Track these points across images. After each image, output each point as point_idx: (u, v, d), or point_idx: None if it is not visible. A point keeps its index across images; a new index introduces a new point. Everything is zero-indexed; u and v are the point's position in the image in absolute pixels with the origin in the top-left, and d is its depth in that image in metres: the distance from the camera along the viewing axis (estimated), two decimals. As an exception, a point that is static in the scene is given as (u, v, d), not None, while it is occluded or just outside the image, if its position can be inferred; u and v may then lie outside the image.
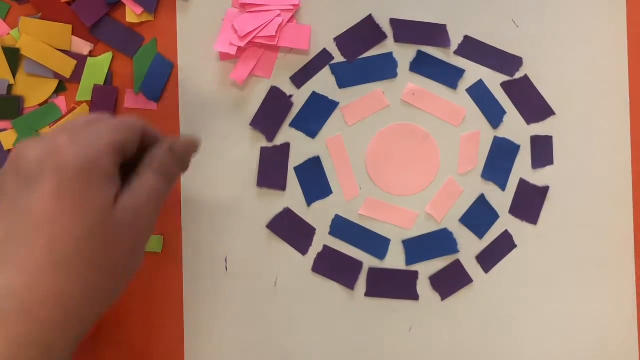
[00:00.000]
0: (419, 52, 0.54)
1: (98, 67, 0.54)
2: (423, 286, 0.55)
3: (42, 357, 0.36)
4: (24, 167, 0.38)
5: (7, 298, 0.36)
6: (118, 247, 0.39)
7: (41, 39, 0.53)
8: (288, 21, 0.54)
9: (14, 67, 0.53)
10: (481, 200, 0.55)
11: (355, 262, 0.55)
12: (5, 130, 0.54)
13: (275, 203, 0.55)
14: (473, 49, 0.54)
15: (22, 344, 0.35)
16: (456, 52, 0.55)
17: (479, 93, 0.55)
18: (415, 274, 0.55)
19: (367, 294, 0.55)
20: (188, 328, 0.55)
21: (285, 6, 0.53)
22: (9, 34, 0.53)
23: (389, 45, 0.55)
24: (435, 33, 0.54)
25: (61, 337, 0.37)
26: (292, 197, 0.55)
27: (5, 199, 0.38)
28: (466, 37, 0.55)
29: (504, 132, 0.55)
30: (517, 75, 0.55)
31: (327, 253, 0.55)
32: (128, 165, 0.42)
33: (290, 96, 0.55)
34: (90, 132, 0.40)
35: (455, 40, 0.55)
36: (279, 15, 0.53)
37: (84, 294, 0.38)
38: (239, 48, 0.53)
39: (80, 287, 0.38)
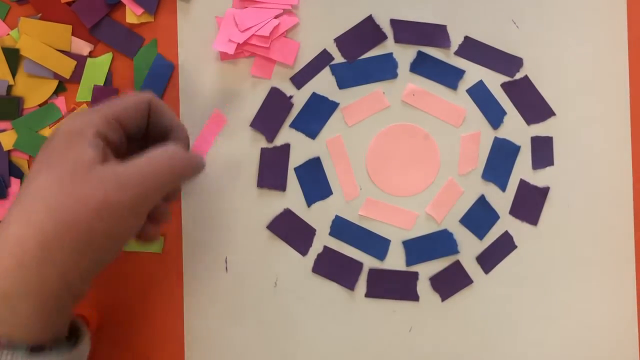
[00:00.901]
0: (419, 53, 0.54)
1: (98, 68, 0.54)
2: (423, 287, 0.55)
3: (44, 324, 0.40)
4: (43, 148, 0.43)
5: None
6: (95, 203, 0.41)
7: (41, 39, 0.53)
8: (281, 34, 0.54)
9: (13, 68, 0.53)
10: (481, 201, 0.55)
11: (355, 262, 0.55)
12: (5, 130, 0.54)
13: (275, 204, 0.55)
14: (473, 49, 0.54)
15: (18, 315, 0.39)
16: (456, 53, 0.55)
17: (479, 94, 0.55)
18: (415, 275, 0.55)
19: (368, 295, 0.55)
20: (188, 328, 0.55)
21: (284, 5, 0.53)
22: (8, 34, 0.53)
23: (389, 46, 0.55)
24: (436, 34, 0.54)
25: (60, 303, 0.41)
26: (292, 197, 0.55)
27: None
28: (466, 38, 0.55)
29: (504, 132, 0.55)
30: (518, 76, 0.55)
31: (327, 254, 0.55)
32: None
33: (291, 97, 0.55)
34: (93, 109, 0.44)
35: (456, 40, 0.55)
36: (276, 17, 0.53)
37: (74, 262, 0.40)
38: (237, 45, 0.53)
39: (65, 252, 0.40)
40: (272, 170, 0.55)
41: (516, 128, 0.55)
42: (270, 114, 0.55)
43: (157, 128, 0.47)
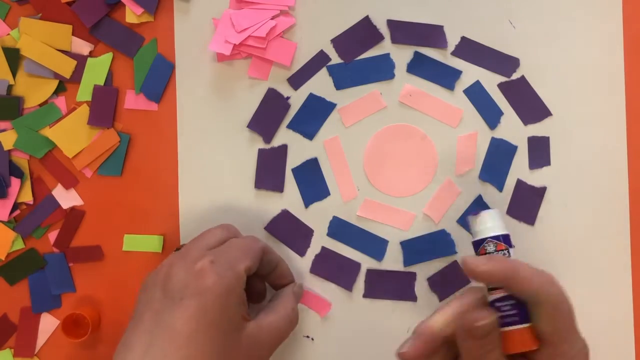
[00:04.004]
0: (416, 53, 0.55)
1: (98, 68, 0.54)
2: (421, 287, 0.55)
3: None
4: (171, 287, 0.45)
5: None
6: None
7: (41, 39, 0.54)
8: (278, 35, 0.54)
9: (14, 68, 0.54)
10: (479, 201, 0.55)
11: (353, 263, 0.55)
12: (5, 130, 0.54)
13: (273, 205, 0.55)
14: (470, 50, 0.55)
15: None
16: (453, 53, 0.55)
17: (476, 94, 0.55)
18: (413, 275, 0.55)
19: (366, 295, 0.55)
20: (185, 329, 0.55)
21: (280, 6, 0.54)
22: (8, 34, 0.54)
23: (386, 47, 0.55)
24: (432, 34, 0.55)
25: None
26: (290, 198, 0.55)
27: (151, 312, 0.45)
28: (463, 38, 0.55)
29: (501, 133, 0.55)
30: (514, 76, 0.55)
31: (325, 254, 0.55)
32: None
33: (288, 98, 0.55)
34: (227, 258, 0.47)
35: (452, 41, 0.55)
36: (273, 18, 0.54)
37: None
38: (234, 46, 0.53)
39: None
40: (269, 172, 0.55)
41: (513, 128, 0.55)
42: (268, 115, 0.55)
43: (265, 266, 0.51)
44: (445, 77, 0.55)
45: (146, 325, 0.44)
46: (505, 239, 0.45)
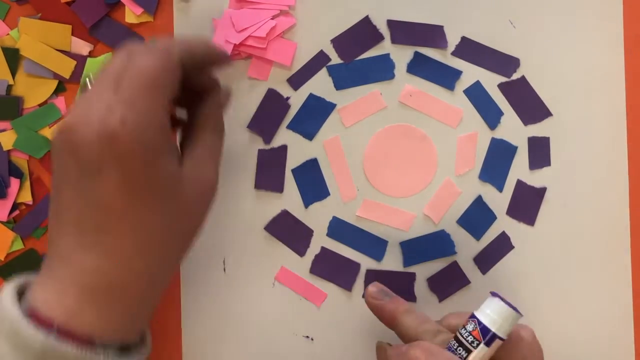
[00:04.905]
0: (416, 54, 0.55)
1: (98, 68, 0.54)
2: (421, 288, 0.55)
3: (133, 325, 0.40)
4: (84, 157, 0.38)
5: (100, 278, 0.38)
6: (188, 217, 0.42)
7: (41, 39, 0.54)
8: (278, 35, 0.54)
9: (13, 68, 0.54)
10: (478, 202, 0.55)
11: (352, 263, 0.55)
12: (4, 130, 0.54)
13: (272, 205, 0.55)
14: (470, 50, 0.55)
15: (114, 317, 0.39)
16: (453, 54, 0.55)
17: (476, 94, 0.55)
18: (412, 276, 0.55)
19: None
20: (186, 329, 0.55)
21: (280, 6, 0.54)
22: (8, 34, 0.54)
23: (386, 47, 0.55)
24: (433, 34, 0.55)
25: (147, 308, 0.41)
26: (290, 199, 0.55)
27: (68, 185, 0.39)
28: (463, 38, 0.55)
29: (501, 133, 0.55)
30: (514, 76, 0.55)
31: (325, 255, 0.55)
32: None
33: (287, 98, 0.55)
34: (139, 103, 0.38)
35: (453, 41, 0.55)
36: (273, 18, 0.54)
37: (162, 269, 0.41)
38: (234, 46, 0.53)
39: (160, 264, 0.41)
40: (269, 172, 0.55)
41: (513, 128, 0.55)
42: (267, 116, 0.55)
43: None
44: (446, 77, 0.55)
45: (68, 199, 0.39)
46: (485, 334, 0.44)
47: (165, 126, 0.40)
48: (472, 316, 0.44)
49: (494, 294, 0.44)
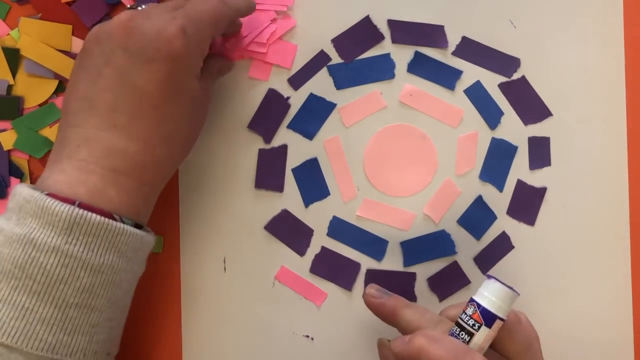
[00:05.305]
0: (417, 53, 0.55)
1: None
2: (421, 287, 0.55)
3: (145, 208, 0.46)
4: (136, 46, 0.43)
5: (121, 158, 0.44)
6: (200, 118, 0.49)
7: (41, 39, 0.54)
8: (278, 38, 0.54)
9: (13, 68, 0.54)
10: (479, 202, 0.55)
11: (353, 263, 0.55)
12: (5, 130, 0.54)
13: (273, 204, 0.55)
14: (471, 49, 0.55)
15: (132, 198, 0.44)
16: (454, 53, 0.55)
17: (476, 94, 0.55)
18: (413, 276, 0.55)
19: (365, 296, 0.55)
20: (186, 328, 0.55)
21: (279, 6, 0.54)
22: (8, 34, 0.54)
23: (387, 46, 0.55)
24: (433, 34, 0.55)
25: (156, 193, 0.48)
26: (290, 198, 0.55)
27: (113, 68, 0.44)
28: (464, 38, 0.55)
29: (501, 133, 0.55)
30: (515, 76, 0.55)
31: (325, 254, 0.55)
32: None
33: (288, 98, 0.55)
34: (197, 25, 0.45)
35: (453, 41, 0.55)
36: (273, 21, 0.54)
37: (176, 161, 0.48)
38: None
39: (175, 156, 0.47)
40: (269, 171, 0.55)
41: (513, 128, 0.55)
42: (268, 115, 0.55)
43: None
44: (446, 77, 0.55)
45: (108, 81, 0.44)
46: (485, 316, 0.43)
47: (205, 53, 0.47)
48: (471, 300, 0.44)
49: (489, 277, 0.44)
